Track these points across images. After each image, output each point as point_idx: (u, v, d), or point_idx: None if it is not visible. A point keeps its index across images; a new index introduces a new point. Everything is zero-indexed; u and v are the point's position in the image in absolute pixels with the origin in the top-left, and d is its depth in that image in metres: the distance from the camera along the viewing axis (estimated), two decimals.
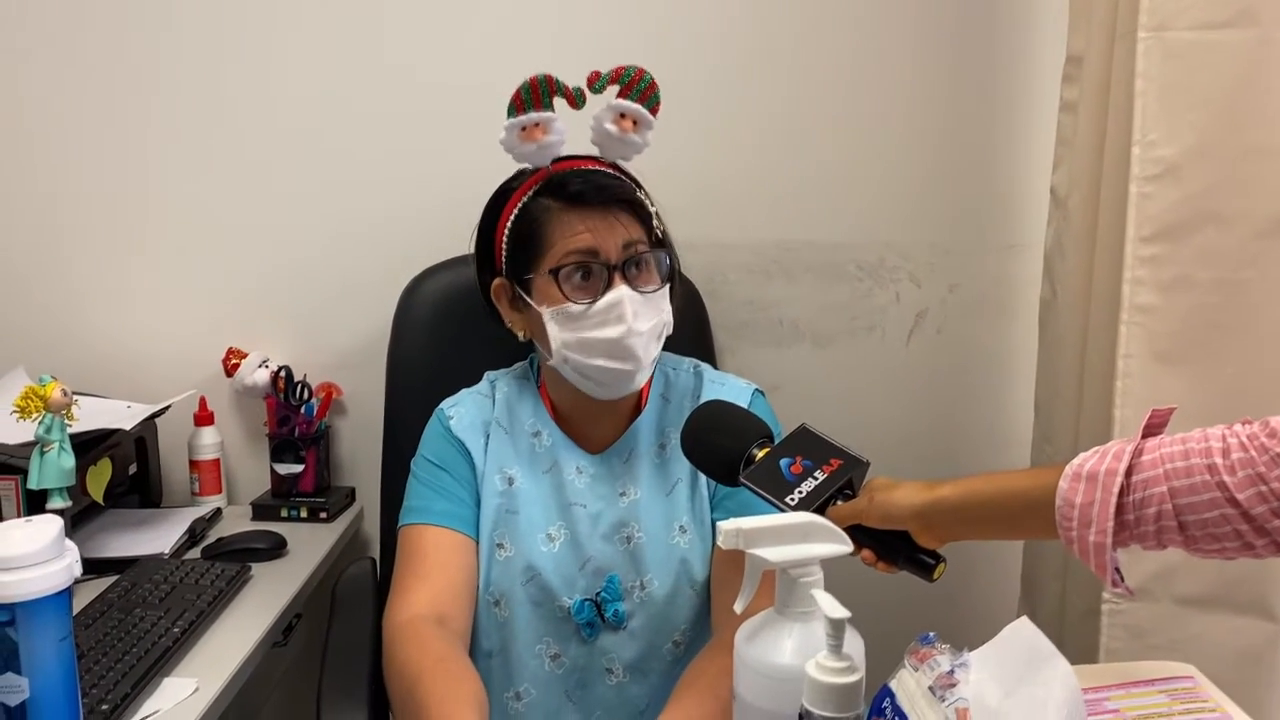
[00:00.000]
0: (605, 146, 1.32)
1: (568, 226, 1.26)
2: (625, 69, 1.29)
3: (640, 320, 1.25)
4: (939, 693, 0.85)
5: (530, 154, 1.29)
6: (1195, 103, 1.38)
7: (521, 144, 1.28)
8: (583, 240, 1.25)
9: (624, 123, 1.29)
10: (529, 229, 1.28)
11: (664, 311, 1.30)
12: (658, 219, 1.30)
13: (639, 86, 1.28)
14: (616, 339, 1.25)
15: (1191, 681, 1.07)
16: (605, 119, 1.29)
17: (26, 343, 1.87)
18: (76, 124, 1.88)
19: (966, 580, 1.94)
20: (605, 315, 1.25)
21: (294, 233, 1.90)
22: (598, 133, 1.31)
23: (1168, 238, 1.40)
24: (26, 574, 0.98)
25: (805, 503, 1.06)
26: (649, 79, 1.29)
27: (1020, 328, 1.87)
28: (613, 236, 1.25)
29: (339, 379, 1.91)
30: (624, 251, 1.26)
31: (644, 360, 1.27)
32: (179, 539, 1.67)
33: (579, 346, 1.26)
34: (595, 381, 1.29)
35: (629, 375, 1.27)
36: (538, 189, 1.29)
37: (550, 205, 1.27)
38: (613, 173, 1.31)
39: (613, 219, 1.26)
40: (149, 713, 1.21)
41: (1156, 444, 0.94)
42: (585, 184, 1.27)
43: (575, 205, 1.26)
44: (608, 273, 1.25)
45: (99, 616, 1.37)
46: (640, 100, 1.29)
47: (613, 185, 1.28)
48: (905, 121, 1.88)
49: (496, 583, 1.30)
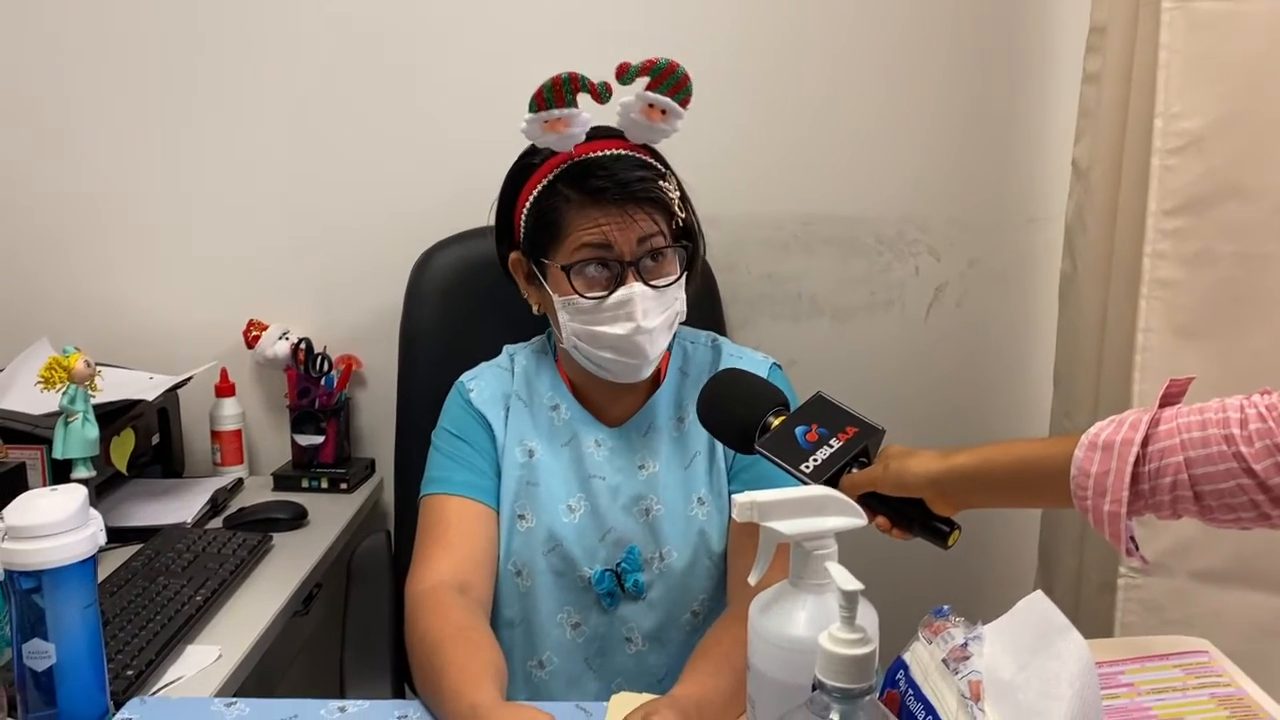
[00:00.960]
0: (632, 132, 1.29)
1: (585, 219, 1.24)
2: (657, 61, 1.23)
3: (650, 317, 1.25)
4: (952, 665, 0.85)
5: (552, 142, 1.26)
6: (1219, 74, 1.37)
7: (544, 134, 1.25)
8: (597, 235, 1.24)
9: (652, 112, 1.26)
10: (547, 215, 1.27)
11: (678, 301, 1.29)
12: (681, 206, 1.28)
13: (671, 80, 1.24)
14: (624, 335, 1.25)
15: (1206, 656, 1.07)
16: (634, 108, 1.26)
17: (50, 314, 1.90)
18: (101, 102, 1.89)
19: (984, 553, 1.94)
20: (615, 312, 1.24)
21: (313, 206, 1.91)
22: (624, 119, 1.27)
23: (1190, 211, 1.39)
24: (52, 542, 1.00)
25: (820, 470, 1.06)
26: (682, 72, 1.24)
27: (1041, 301, 1.86)
28: (629, 233, 1.24)
29: (359, 351, 1.93)
30: (639, 247, 1.25)
31: (651, 355, 1.27)
32: (201, 509, 1.69)
33: (588, 338, 1.27)
34: (604, 369, 1.29)
35: (636, 369, 1.28)
36: (559, 174, 1.27)
37: (570, 196, 1.25)
38: (638, 158, 1.28)
39: (631, 215, 1.24)
40: (173, 679, 1.22)
41: (1174, 414, 0.94)
42: (607, 179, 1.24)
43: (595, 200, 1.24)
44: (621, 269, 1.25)
45: (123, 584, 1.39)
46: (671, 93, 1.24)
47: (634, 182, 1.24)
48: (926, 93, 1.86)
49: (518, 553, 1.31)
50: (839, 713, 0.70)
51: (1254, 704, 0.98)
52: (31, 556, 0.99)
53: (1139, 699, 0.99)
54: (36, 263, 1.93)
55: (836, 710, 0.71)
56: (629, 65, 1.23)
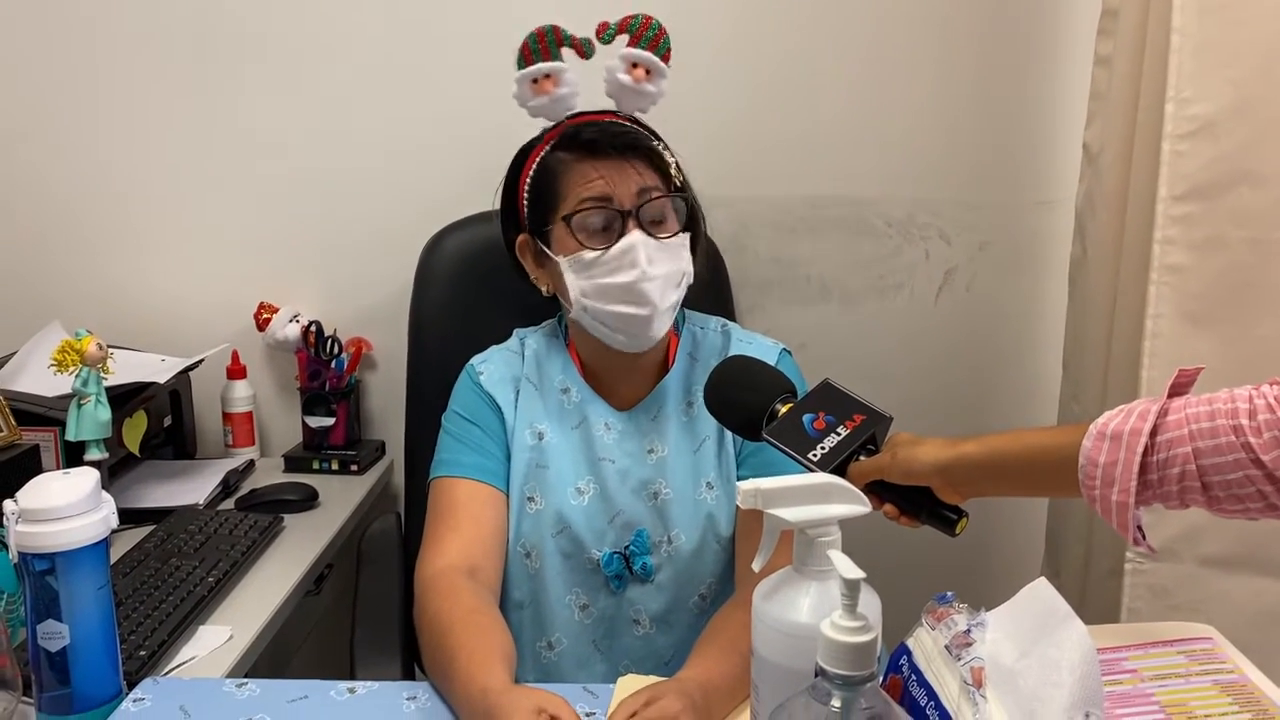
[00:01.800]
0: (620, 98, 1.33)
1: (581, 175, 1.27)
2: (633, 17, 1.29)
3: (655, 266, 1.26)
4: (955, 652, 0.86)
5: (543, 106, 1.30)
6: (1232, 59, 1.36)
7: (534, 96, 1.29)
8: (596, 187, 1.26)
9: (636, 71, 1.30)
10: (546, 181, 1.30)
11: (683, 260, 1.30)
12: (677, 168, 1.31)
13: (648, 34, 1.29)
14: (630, 283, 1.25)
15: (1210, 643, 1.07)
16: (617, 69, 1.30)
17: (63, 297, 1.91)
18: (113, 86, 1.90)
19: (991, 539, 1.94)
20: (619, 260, 1.26)
21: (324, 190, 1.91)
22: (611, 84, 1.31)
23: (1200, 196, 1.39)
24: (65, 525, 1.01)
25: (828, 458, 1.07)
26: (657, 25, 1.30)
27: (1051, 285, 1.85)
28: (626, 183, 1.26)
29: (369, 334, 1.93)
30: (638, 198, 1.26)
31: (659, 305, 1.27)
32: (213, 490, 1.71)
33: (595, 293, 1.27)
34: (613, 329, 1.29)
35: (646, 321, 1.28)
36: (555, 143, 1.30)
37: (565, 157, 1.29)
38: (628, 124, 1.32)
39: (627, 166, 1.26)
40: (185, 659, 1.24)
41: (1182, 404, 0.94)
42: (599, 133, 1.28)
43: (589, 154, 1.27)
44: (622, 219, 1.26)
45: (136, 565, 1.41)
46: (650, 47, 1.29)
47: (626, 133, 1.29)
48: (936, 75, 1.86)
49: (527, 535, 1.32)
50: (840, 699, 0.71)
51: (1257, 690, 0.98)
52: (45, 539, 1.01)
53: (1141, 685, 0.99)
54: (49, 247, 1.94)
55: (838, 697, 0.71)
56: (608, 23, 1.29)
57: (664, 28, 1.30)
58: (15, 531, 1.01)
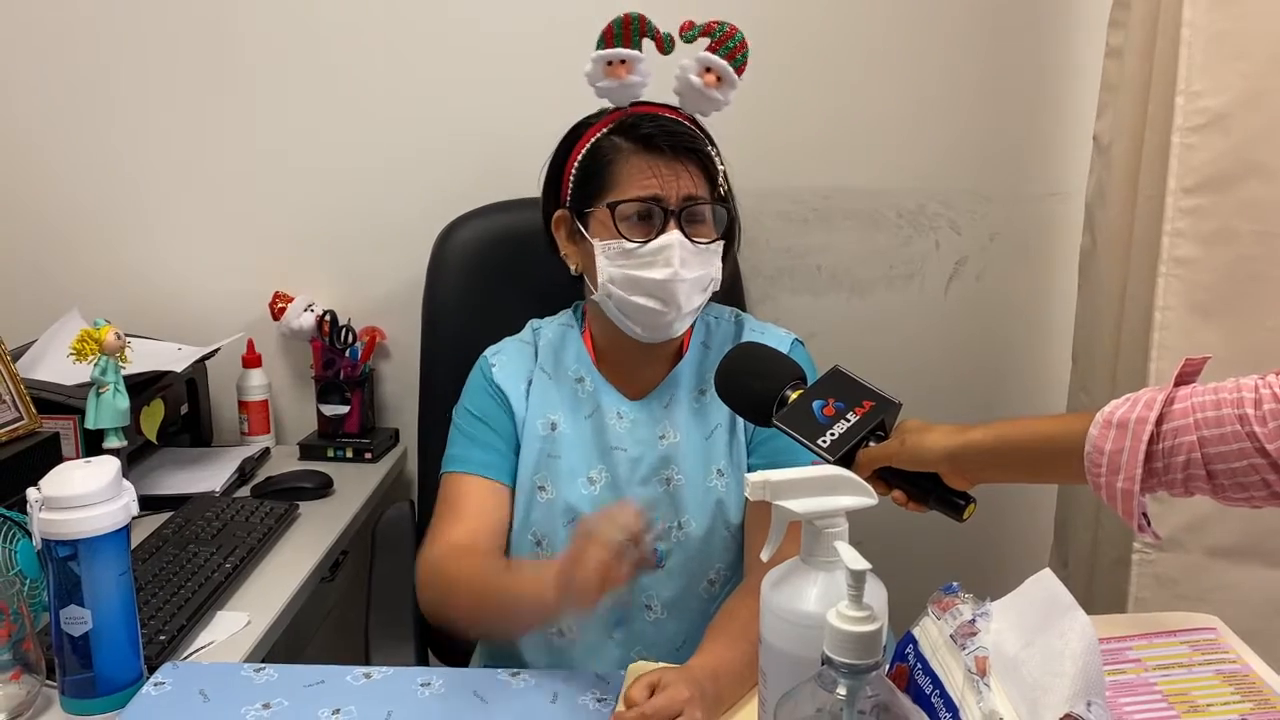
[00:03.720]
0: (686, 97, 1.34)
1: (635, 168, 1.28)
2: (719, 23, 1.31)
3: (688, 268, 1.27)
4: (960, 641, 0.87)
5: (612, 90, 1.32)
6: (1243, 51, 1.36)
7: (605, 78, 1.31)
8: (647, 183, 1.28)
9: (708, 76, 1.31)
10: (597, 165, 1.31)
11: (714, 267, 1.32)
12: (724, 178, 1.32)
13: (729, 44, 1.30)
14: (662, 281, 1.27)
15: (1214, 633, 1.09)
16: (691, 70, 1.31)
17: (82, 286, 1.93)
18: (131, 77, 1.91)
19: (1000, 527, 1.95)
20: (655, 256, 1.27)
21: (338, 179, 1.93)
22: (681, 82, 1.32)
23: (1210, 189, 1.39)
24: (87, 512, 1.03)
25: (837, 445, 1.08)
26: (740, 38, 1.31)
27: (1061, 276, 1.86)
28: (676, 185, 1.28)
29: (383, 323, 1.95)
30: (684, 200, 1.28)
31: (684, 307, 1.29)
32: (230, 477, 1.73)
33: (625, 283, 1.29)
34: (634, 321, 1.31)
35: (666, 319, 1.29)
36: (612, 127, 1.32)
37: (621, 145, 1.30)
38: (687, 124, 1.33)
39: (680, 168, 1.28)
40: (203, 644, 1.26)
41: (1188, 393, 0.95)
42: (658, 129, 1.29)
43: (646, 149, 1.29)
44: (665, 217, 1.28)
45: (155, 551, 1.43)
46: (728, 58, 1.31)
47: (685, 134, 1.30)
48: (948, 66, 1.86)
49: (538, 523, 1.34)
50: (846, 688, 0.72)
51: (1259, 681, 1.00)
52: (67, 526, 1.03)
53: (1145, 674, 1.01)
54: (69, 238, 1.96)
55: (844, 685, 0.72)
56: (693, 23, 1.31)
57: (745, 41, 1.32)
58: (39, 519, 1.04)
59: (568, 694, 1.11)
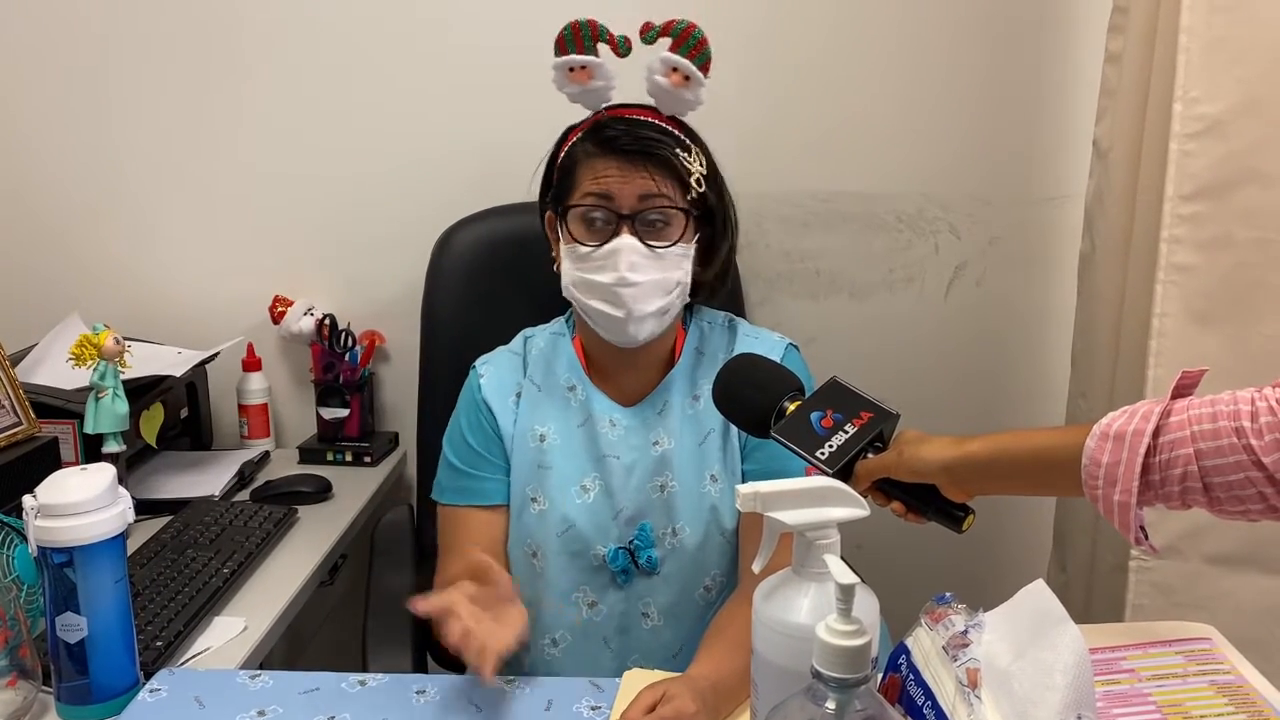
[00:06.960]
0: (659, 99, 1.34)
1: (592, 170, 1.29)
2: (677, 22, 1.30)
3: (638, 272, 1.27)
4: (952, 652, 0.87)
5: (578, 95, 1.33)
6: (1241, 58, 1.35)
7: (569, 83, 1.32)
8: (599, 185, 1.28)
9: (675, 76, 1.30)
10: (568, 168, 1.32)
11: (680, 270, 1.30)
12: (702, 182, 1.30)
13: (689, 42, 1.29)
14: (608, 285, 1.27)
15: (1209, 643, 1.08)
16: (656, 70, 1.31)
17: (81, 290, 1.93)
18: (130, 81, 1.92)
19: (999, 535, 1.95)
20: (605, 260, 1.28)
21: (338, 184, 1.93)
22: (651, 84, 1.32)
23: (1208, 196, 1.38)
24: (83, 520, 1.04)
25: (835, 457, 1.07)
26: (699, 35, 1.30)
27: (1060, 281, 1.85)
28: (630, 187, 1.27)
29: (382, 327, 1.95)
30: (640, 203, 1.27)
31: (636, 311, 1.28)
32: (229, 481, 1.73)
33: (582, 286, 1.30)
34: (596, 324, 1.32)
35: (622, 323, 1.29)
36: (586, 130, 1.32)
37: (587, 148, 1.30)
38: (662, 125, 1.31)
39: (638, 170, 1.27)
40: (200, 650, 1.26)
41: (1185, 405, 0.94)
42: (622, 132, 1.29)
43: (606, 152, 1.29)
44: (617, 221, 1.28)
45: (153, 556, 1.43)
46: (690, 56, 1.29)
47: (647, 138, 1.29)
48: (948, 70, 1.85)
49: (532, 534, 1.34)
50: (835, 701, 0.72)
51: (1253, 692, 0.99)
52: (63, 533, 1.03)
53: (1139, 685, 1.00)
54: (68, 241, 1.96)
55: (833, 699, 0.72)
56: (652, 24, 1.30)
57: (706, 38, 1.30)
58: (34, 526, 1.04)
59: (562, 701, 1.12)
